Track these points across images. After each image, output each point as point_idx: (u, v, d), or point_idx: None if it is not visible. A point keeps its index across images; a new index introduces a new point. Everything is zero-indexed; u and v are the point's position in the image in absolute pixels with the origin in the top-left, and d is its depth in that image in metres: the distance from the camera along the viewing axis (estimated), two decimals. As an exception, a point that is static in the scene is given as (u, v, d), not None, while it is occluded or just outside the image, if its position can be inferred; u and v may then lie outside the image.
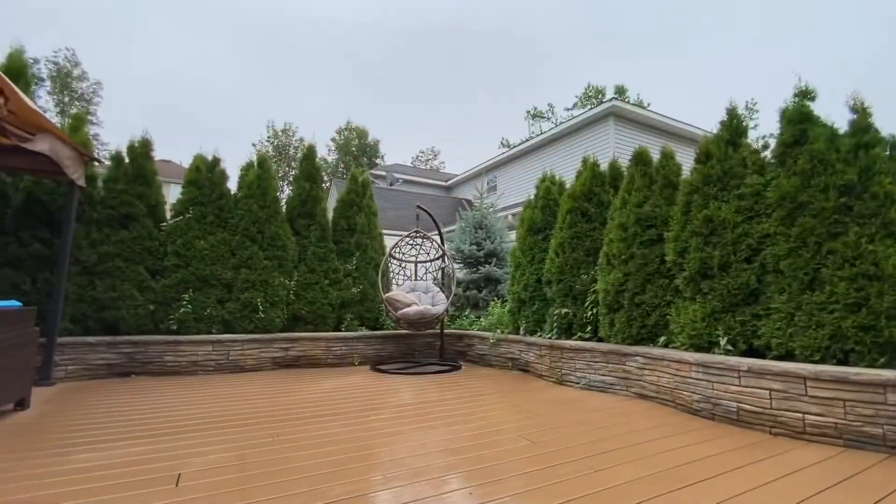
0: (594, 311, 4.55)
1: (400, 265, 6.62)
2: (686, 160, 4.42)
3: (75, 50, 25.17)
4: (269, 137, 28.74)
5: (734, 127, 3.81)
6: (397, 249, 6.47)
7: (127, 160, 5.37)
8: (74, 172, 4.28)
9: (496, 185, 18.82)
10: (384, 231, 7.09)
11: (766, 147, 3.88)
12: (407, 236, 6.41)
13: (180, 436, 2.78)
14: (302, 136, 29.48)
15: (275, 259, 5.88)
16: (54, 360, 4.30)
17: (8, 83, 2.93)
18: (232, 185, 6.00)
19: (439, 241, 6.51)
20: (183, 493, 1.94)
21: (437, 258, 6.71)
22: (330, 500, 1.90)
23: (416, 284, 6.35)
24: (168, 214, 5.63)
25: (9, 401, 3.15)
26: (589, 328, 4.60)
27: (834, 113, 3.21)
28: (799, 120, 3.30)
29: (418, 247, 6.67)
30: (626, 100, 35.12)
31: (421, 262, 6.70)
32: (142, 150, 5.46)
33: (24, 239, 4.56)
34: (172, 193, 5.81)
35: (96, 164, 4.90)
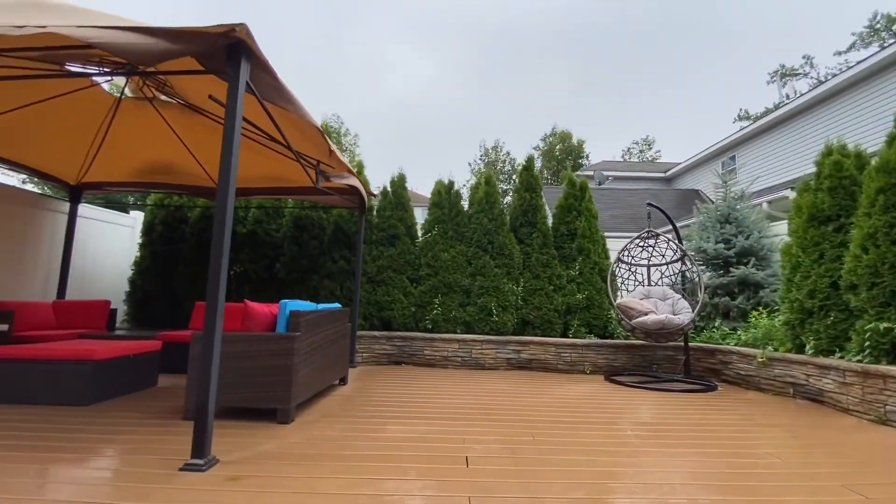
0: (945, 327, 3.21)
1: (629, 269, 6.16)
2: None
3: (340, 115, 33.23)
4: (481, 156, 31.45)
5: None
6: (626, 252, 6.04)
7: (390, 192, 6.70)
8: (363, 204, 5.62)
9: (735, 167, 15.58)
10: (598, 234, 6.75)
11: None
12: (637, 237, 5.92)
13: (457, 421, 3.24)
14: (509, 151, 31.17)
15: (503, 266, 6.32)
16: (355, 348, 5.68)
17: (330, 142, 4.06)
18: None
19: (677, 241, 5.77)
20: (474, 474, 2.24)
21: (675, 260, 5.96)
22: (612, 512, 1.87)
23: (650, 290, 5.78)
24: (419, 232, 6.75)
25: (337, 377, 4.31)
26: (936, 352, 3.27)
27: None
28: None
29: (650, 248, 6.07)
30: (954, 18, 24.11)
31: (654, 265, 6.07)
32: (399, 183, 6.73)
33: (335, 257, 6.23)
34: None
35: (373, 197, 6.28)
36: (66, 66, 3.77)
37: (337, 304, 4.46)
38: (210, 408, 2.28)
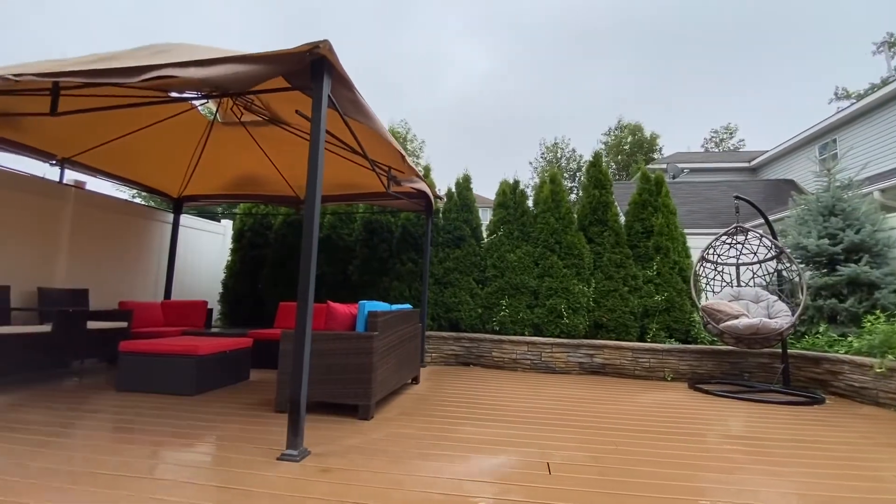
0: None
1: (715, 269, 5.68)
2: None
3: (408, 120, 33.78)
4: (543, 153, 30.67)
5: None
6: (711, 251, 5.58)
7: (455, 193, 6.76)
8: (430, 207, 5.73)
9: (836, 152, 13.82)
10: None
11: None
12: (724, 234, 5.44)
13: (534, 426, 3.19)
14: (574, 148, 29.99)
15: (572, 267, 6.12)
16: (424, 348, 5.79)
17: (401, 149, 4.18)
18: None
19: (771, 238, 5.22)
20: (558, 482, 2.19)
21: (770, 258, 5.39)
22: (714, 532, 1.73)
23: (740, 291, 5.28)
24: (484, 234, 6.74)
25: (410, 376, 4.42)
26: None
27: None
28: None
29: (739, 246, 5.55)
30: None
31: (744, 264, 5.54)
32: (464, 185, 6.76)
33: (403, 260, 6.41)
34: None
35: (439, 199, 6.37)
36: (170, 93, 4.24)
37: (408, 305, 4.58)
38: (302, 402, 2.44)
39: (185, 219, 7.10)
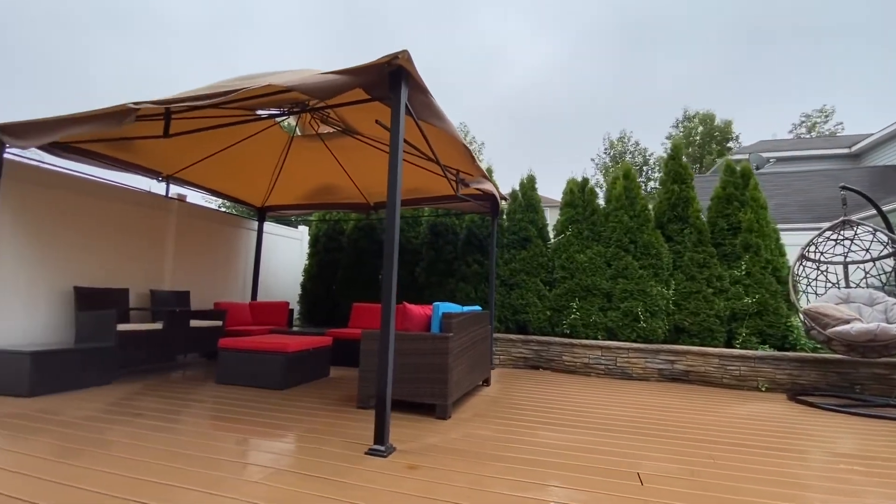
0: None
1: (817, 268, 5.09)
2: None
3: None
4: (606, 149, 29.32)
5: None
6: (812, 248, 5.02)
7: (520, 194, 6.68)
8: (496, 208, 5.71)
9: (966, 132, 11.83)
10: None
11: None
12: (828, 229, 4.87)
13: (618, 434, 3.06)
14: (637, 141, 28.32)
15: (649, 268, 5.79)
16: (492, 350, 5.77)
17: (471, 151, 4.21)
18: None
19: (887, 231, 4.59)
20: (651, 494, 2.07)
21: (887, 255, 4.75)
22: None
23: (849, 293, 4.70)
24: (551, 234, 6.58)
25: (482, 378, 4.42)
26: None
27: None
28: None
29: (847, 242, 4.94)
30: None
31: (854, 262, 4.92)
32: (529, 185, 6.66)
33: (468, 262, 6.44)
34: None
35: (503, 201, 6.33)
36: (257, 112, 4.62)
37: (478, 307, 4.59)
38: (387, 400, 2.54)
39: (267, 226, 7.68)
